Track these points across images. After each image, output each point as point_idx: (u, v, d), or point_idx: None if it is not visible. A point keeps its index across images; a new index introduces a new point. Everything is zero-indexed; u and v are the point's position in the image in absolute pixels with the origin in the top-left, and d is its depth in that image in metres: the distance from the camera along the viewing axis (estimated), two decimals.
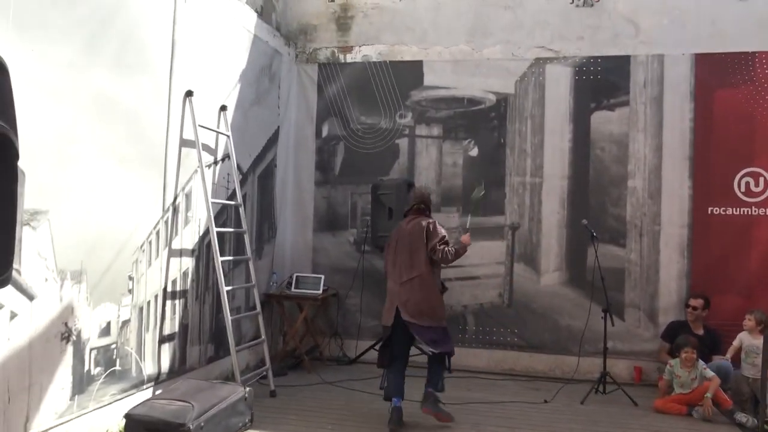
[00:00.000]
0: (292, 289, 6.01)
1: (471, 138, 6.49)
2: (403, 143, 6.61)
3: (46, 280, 3.41)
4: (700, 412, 4.89)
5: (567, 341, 6.09)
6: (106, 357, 3.91)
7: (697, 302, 5.65)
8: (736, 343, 5.32)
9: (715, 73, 5.97)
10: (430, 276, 4.58)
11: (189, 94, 4.70)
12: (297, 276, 6.07)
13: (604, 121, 6.22)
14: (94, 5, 3.72)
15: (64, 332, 3.54)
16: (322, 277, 6.09)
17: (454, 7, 6.53)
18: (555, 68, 6.32)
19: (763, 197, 5.86)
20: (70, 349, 3.58)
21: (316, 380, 5.52)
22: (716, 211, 5.93)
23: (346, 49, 6.76)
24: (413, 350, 5.89)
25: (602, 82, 6.22)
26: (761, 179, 5.86)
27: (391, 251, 4.70)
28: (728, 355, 5.35)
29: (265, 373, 5.16)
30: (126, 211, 4.05)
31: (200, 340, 4.98)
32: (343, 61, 6.75)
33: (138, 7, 4.12)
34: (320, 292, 5.92)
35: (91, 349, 3.77)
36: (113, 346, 3.97)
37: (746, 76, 5.91)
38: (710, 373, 5.02)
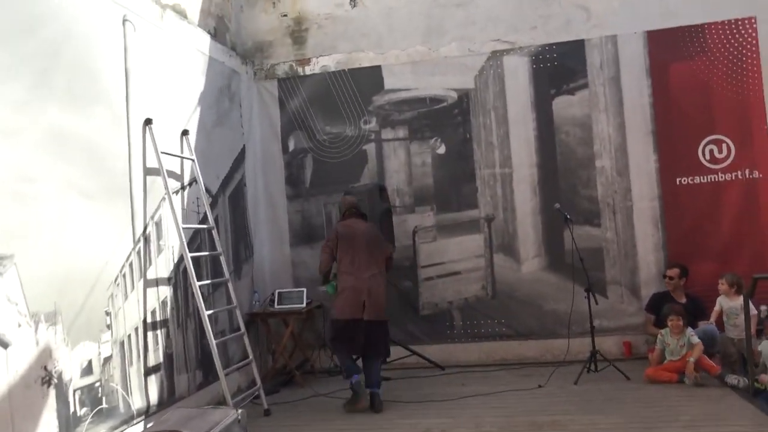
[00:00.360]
0: (276, 306, 5.94)
1: (437, 136, 6.51)
2: (370, 149, 6.60)
3: (20, 325, 3.31)
4: (690, 378, 4.93)
5: (554, 325, 6.11)
6: (91, 396, 3.81)
7: (673, 272, 5.72)
8: (716, 307, 5.42)
9: (668, 48, 6.06)
10: (385, 275, 5.16)
11: (148, 122, 4.63)
12: (279, 292, 6.01)
13: (565, 106, 6.27)
14: (41, 40, 3.64)
15: (44, 376, 3.44)
16: (305, 290, 6.04)
17: (406, 10, 6.55)
18: (512, 59, 6.36)
19: (728, 162, 5.95)
20: (52, 392, 3.48)
21: (310, 394, 5.45)
22: (684, 181, 6.01)
23: (304, 61, 6.74)
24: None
25: (560, 68, 6.28)
26: (724, 145, 5.95)
27: (347, 248, 5.01)
28: (712, 320, 5.42)
29: (257, 392, 5.09)
30: (95, 245, 3.96)
31: (187, 367, 4.89)
32: (302, 73, 6.73)
33: (86, 39, 4.04)
34: (304, 305, 5.86)
35: (75, 390, 3.67)
36: (97, 384, 3.87)
37: (698, 47, 6.01)
38: (695, 339, 5.07)
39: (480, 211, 6.38)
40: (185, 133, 5.19)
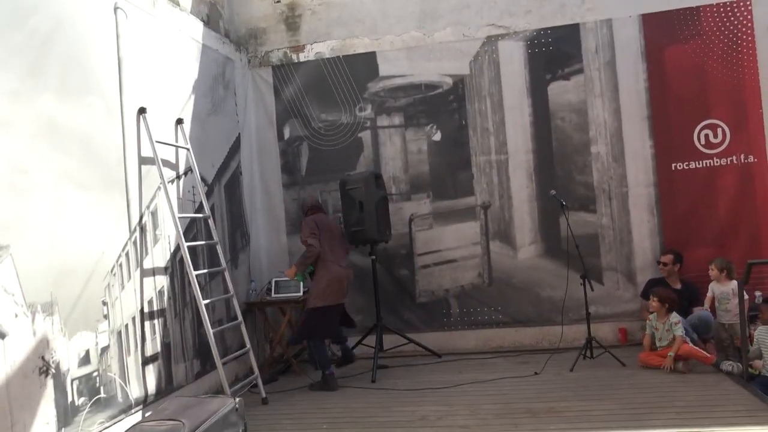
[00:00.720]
0: (272, 295, 5.95)
1: (433, 123, 6.51)
2: (366, 136, 6.60)
3: (16, 315, 3.33)
4: (668, 368, 4.97)
5: (550, 312, 6.16)
6: (89, 386, 3.84)
7: (667, 258, 5.76)
8: (709, 293, 5.48)
9: (664, 31, 6.05)
10: None
11: (142, 111, 4.62)
12: (276, 281, 6.00)
13: (561, 91, 6.27)
14: (31, 30, 3.62)
15: (41, 366, 3.47)
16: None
17: None
18: (507, 44, 6.34)
19: (723, 147, 5.97)
20: (50, 382, 3.51)
21: (307, 382, 5.49)
22: (680, 166, 6.03)
23: (298, 48, 6.71)
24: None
25: (555, 52, 6.27)
26: (719, 130, 5.97)
27: (327, 239, 5.42)
28: (706, 306, 5.48)
29: (254, 381, 5.12)
30: (91, 236, 3.97)
31: (185, 356, 4.92)
32: (296, 60, 6.71)
33: (77, 29, 4.02)
34: (301, 293, 5.86)
35: (73, 380, 3.70)
36: (95, 373, 3.90)
37: (693, 30, 6.01)
38: (678, 331, 5.04)
39: (476, 198, 6.40)
40: (180, 121, 5.17)
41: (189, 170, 5.20)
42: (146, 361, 4.44)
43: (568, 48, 6.24)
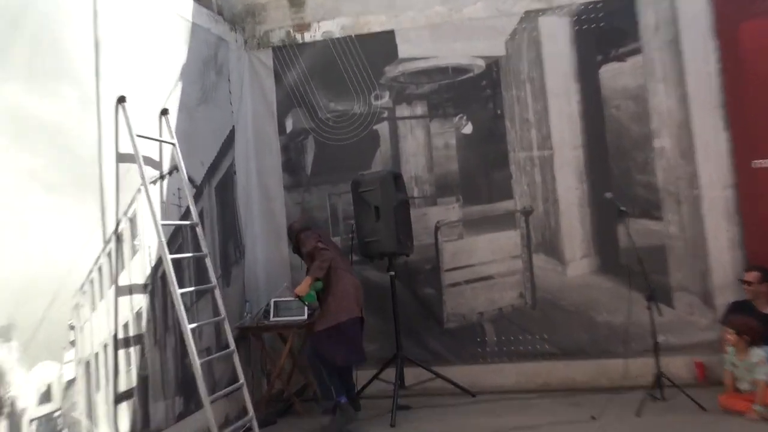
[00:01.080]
0: (271, 318, 5.91)
1: (462, 113, 6.53)
2: (383, 128, 6.66)
3: None
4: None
5: (608, 341, 6.03)
6: (50, 428, 3.73)
7: (752, 275, 5.55)
8: None
9: (738, 3, 5.96)
10: None
11: (121, 100, 4.63)
12: (275, 301, 5.97)
13: (615, 75, 6.23)
14: None
15: None
16: None
17: None
18: (549, 20, 6.34)
19: None
20: (3, 423, 3.41)
21: (312, 426, 5.40)
22: (763, 163, 5.87)
23: (303, 26, 6.76)
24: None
25: (607, 29, 6.24)
26: None
27: (332, 248, 5.68)
28: None
29: (248, 424, 5.04)
30: (59, 246, 3.92)
31: (164, 393, 4.85)
32: (300, 41, 6.79)
33: (49, 7, 4.03)
34: (305, 317, 5.82)
35: (31, 420, 3.59)
36: (57, 413, 3.79)
37: None
38: (762, 374, 4.79)
39: (515, 202, 6.37)
40: (165, 112, 5.19)
41: (174, 169, 5.20)
42: (119, 399, 4.35)
43: (622, 24, 6.20)
